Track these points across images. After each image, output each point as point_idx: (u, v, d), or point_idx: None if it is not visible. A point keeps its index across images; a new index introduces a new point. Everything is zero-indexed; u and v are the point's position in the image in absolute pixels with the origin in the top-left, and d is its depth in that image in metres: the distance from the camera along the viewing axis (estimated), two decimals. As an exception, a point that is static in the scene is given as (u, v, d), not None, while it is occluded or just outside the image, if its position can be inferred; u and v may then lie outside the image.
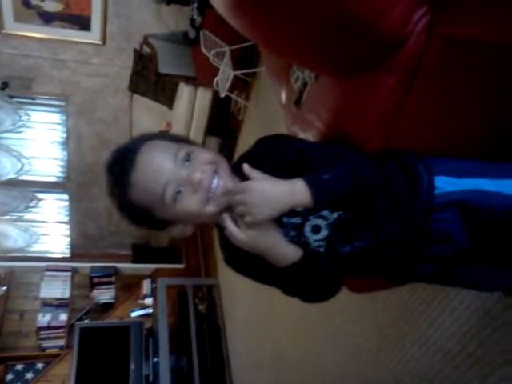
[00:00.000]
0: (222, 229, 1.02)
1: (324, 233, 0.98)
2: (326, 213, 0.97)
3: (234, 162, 1.03)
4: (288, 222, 0.98)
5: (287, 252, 0.95)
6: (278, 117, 3.27)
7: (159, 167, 0.91)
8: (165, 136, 1.00)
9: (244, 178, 0.95)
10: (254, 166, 0.96)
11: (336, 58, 1.02)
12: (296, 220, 0.98)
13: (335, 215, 0.97)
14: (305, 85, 1.31)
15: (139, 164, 0.92)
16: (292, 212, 0.96)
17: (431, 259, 1.02)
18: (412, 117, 1.04)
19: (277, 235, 0.96)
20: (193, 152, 0.94)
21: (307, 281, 0.99)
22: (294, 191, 0.91)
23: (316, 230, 0.98)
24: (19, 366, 4.78)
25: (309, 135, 1.23)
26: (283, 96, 1.89)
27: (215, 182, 0.92)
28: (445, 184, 0.97)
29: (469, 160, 1.03)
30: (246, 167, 0.94)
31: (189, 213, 0.93)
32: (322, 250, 0.99)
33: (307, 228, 0.98)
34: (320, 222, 0.98)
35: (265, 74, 3.47)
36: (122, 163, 0.93)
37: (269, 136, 1.05)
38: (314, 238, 0.99)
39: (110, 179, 0.97)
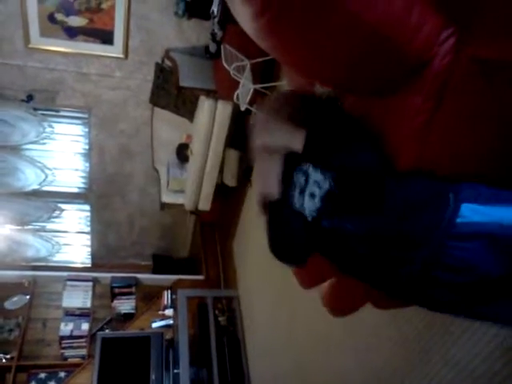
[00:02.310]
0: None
1: (317, 203, 1.06)
2: (319, 177, 1.04)
3: None
4: (296, 179, 1.07)
5: None
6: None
7: None
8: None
9: None
10: None
11: (363, 79, 1.03)
12: (301, 178, 1.07)
13: (326, 185, 1.03)
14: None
15: None
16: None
17: (444, 286, 1.00)
18: (440, 136, 1.04)
19: None
20: None
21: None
22: None
23: (312, 197, 1.06)
24: (42, 375, 4.82)
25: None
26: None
27: None
28: (471, 213, 0.96)
29: (500, 189, 1.01)
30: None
31: None
32: (309, 219, 1.07)
33: (307, 194, 1.06)
34: (316, 190, 1.05)
35: (285, 88, 3.49)
36: None
37: None
38: (309, 206, 1.07)
39: None
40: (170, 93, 4.47)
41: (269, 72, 3.76)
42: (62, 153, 5.28)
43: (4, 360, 4.85)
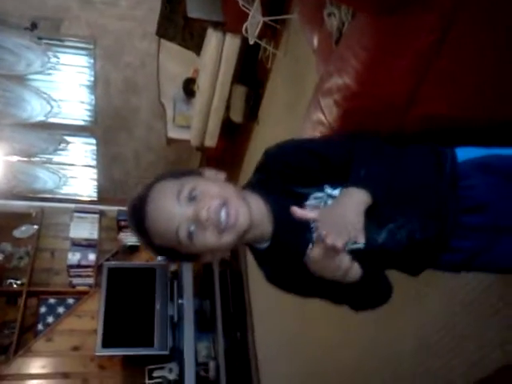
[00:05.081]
0: (253, 249, 1.05)
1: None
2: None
3: (249, 180, 1.08)
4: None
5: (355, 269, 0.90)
6: (306, 66, 3.20)
7: (166, 213, 0.94)
8: (172, 174, 1.01)
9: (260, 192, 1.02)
10: (269, 177, 1.03)
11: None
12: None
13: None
14: (343, 24, 1.29)
15: (149, 213, 0.95)
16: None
17: (467, 233, 1.00)
18: (449, 59, 1.01)
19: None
20: (197, 187, 0.94)
21: (365, 291, 0.99)
22: (354, 200, 0.90)
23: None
24: (51, 300, 5.02)
25: (344, 76, 1.21)
26: (315, 40, 1.84)
27: (223, 214, 0.92)
28: (465, 153, 1.01)
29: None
30: (297, 212, 0.89)
31: (207, 248, 0.96)
32: (360, 245, 0.92)
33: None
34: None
35: (295, 22, 3.38)
36: (136, 215, 0.98)
37: (273, 147, 1.06)
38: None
39: (132, 227, 1.02)
40: (177, 25, 4.35)
41: (279, 4, 3.64)
42: (67, 84, 5.20)
43: (15, 285, 5.04)
